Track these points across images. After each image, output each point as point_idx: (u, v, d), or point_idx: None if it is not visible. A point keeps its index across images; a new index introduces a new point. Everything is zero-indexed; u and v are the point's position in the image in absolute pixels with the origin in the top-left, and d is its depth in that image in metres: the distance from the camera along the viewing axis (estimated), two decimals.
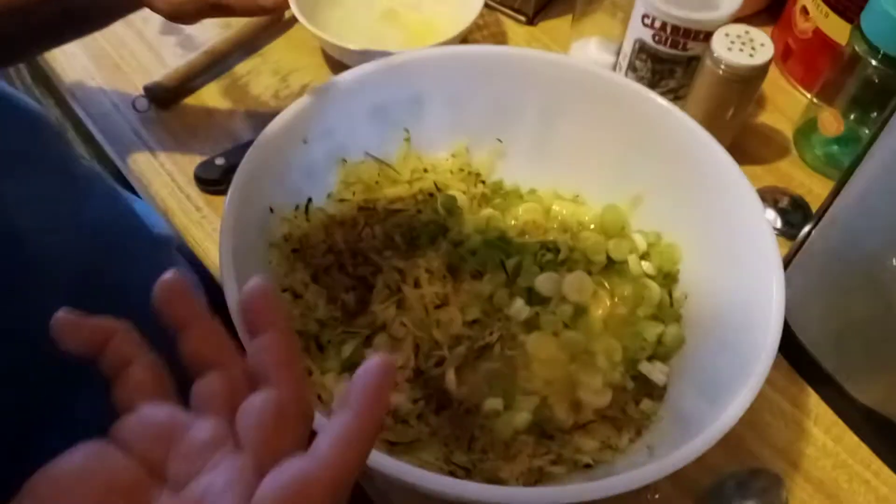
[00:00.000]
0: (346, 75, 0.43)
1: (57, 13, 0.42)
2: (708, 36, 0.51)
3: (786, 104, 0.60)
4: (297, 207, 0.43)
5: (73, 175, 0.38)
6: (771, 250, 0.37)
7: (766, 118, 0.59)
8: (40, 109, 0.37)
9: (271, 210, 0.41)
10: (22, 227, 0.33)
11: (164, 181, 0.52)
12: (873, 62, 0.50)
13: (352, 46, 0.56)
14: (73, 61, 0.58)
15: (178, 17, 0.41)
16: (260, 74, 0.58)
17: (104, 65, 0.58)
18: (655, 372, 0.41)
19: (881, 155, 0.38)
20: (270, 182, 0.41)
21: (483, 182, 0.48)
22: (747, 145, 0.56)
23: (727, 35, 0.50)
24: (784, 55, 0.62)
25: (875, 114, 0.53)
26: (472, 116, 0.47)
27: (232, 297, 0.33)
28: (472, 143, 0.48)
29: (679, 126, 0.43)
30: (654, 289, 0.43)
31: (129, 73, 0.58)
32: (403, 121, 0.46)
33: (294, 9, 0.56)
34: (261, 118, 0.54)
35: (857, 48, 0.51)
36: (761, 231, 0.38)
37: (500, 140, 0.48)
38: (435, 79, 0.45)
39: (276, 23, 0.61)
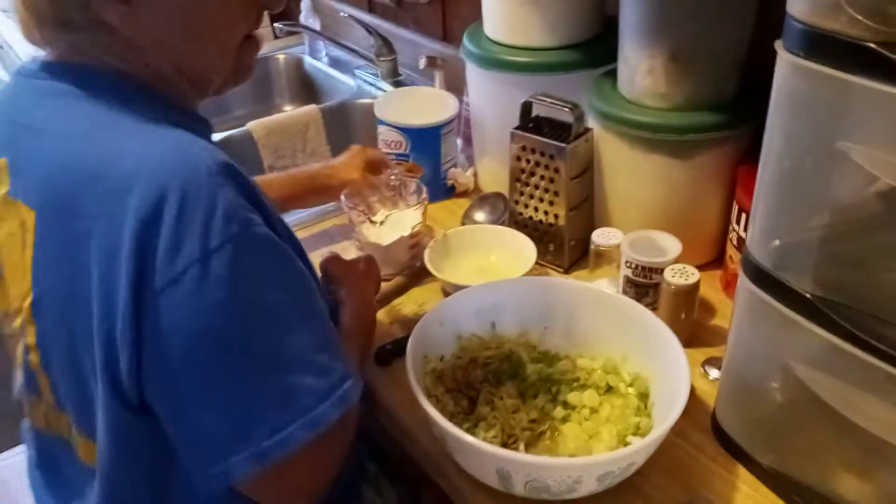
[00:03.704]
0: (461, 293, 0.84)
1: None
2: (662, 271, 0.90)
3: (728, 311, 0.96)
4: (440, 358, 0.81)
5: None
6: (685, 379, 0.71)
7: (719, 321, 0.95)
8: None
9: (425, 357, 0.79)
10: None
11: None
12: None
13: (459, 282, 0.98)
14: None
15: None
16: (406, 304, 1.00)
17: None
18: (635, 443, 0.74)
19: None
20: (424, 344, 0.79)
21: (535, 349, 0.85)
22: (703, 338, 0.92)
23: (672, 269, 0.89)
24: (727, 285, 1.00)
25: None
26: (529, 314, 0.86)
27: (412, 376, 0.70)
28: (530, 328, 0.86)
29: (652, 323, 0.79)
30: (633, 400, 0.77)
31: None
32: (490, 317, 0.86)
33: (428, 265, 0.99)
34: (408, 322, 0.95)
35: None
36: (685, 377, 0.72)
37: (546, 327, 0.86)
38: (507, 294, 0.86)
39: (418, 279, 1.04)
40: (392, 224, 1.04)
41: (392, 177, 1.10)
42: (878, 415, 0.62)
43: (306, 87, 1.88)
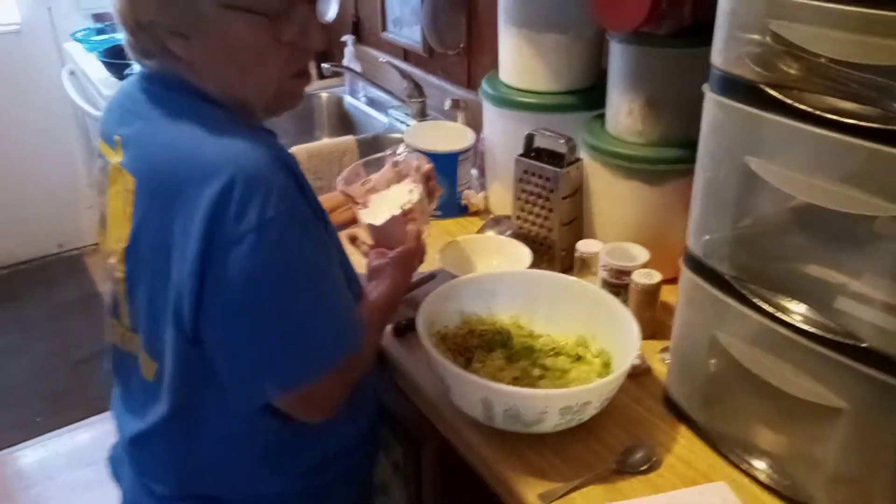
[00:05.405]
0: (466, 277, 1.04)
1: None
2: (632, 273, 1.09)
3: None
4: (445, 326, 1.01)
5: None
6: (635, 345, 0.91)
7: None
8: None
9: (433, 323, 0.99)
10: None
11: None
12: None
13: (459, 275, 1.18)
14: None
15: None
16: (418, 294, 1.20)
17: None
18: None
19: None
20: (434, 312, 0.99)
21: (523, 329, 1.04)
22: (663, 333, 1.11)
23: (639, 272, 1.08)
24: None
25: None
26: (519, 299, 1.06)
27: (424, 337, 0.90)
28: (519, 311, 1.06)
29: (619, 310, 0.99)
30: (598, 367, 0.96)
31: None
32: (486, 301, 1.05)
33: (441, 262, 1.19)
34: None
35: None
36: (636, 342, 0.92)
37: (533, 311, 1.06)
38: (503, 283, 1.05)
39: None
40: (384, 204, 1.11)
41: (398, 152, 1.16)
42: (781, 372, 0.81)
43: (344, 123, 2.13)
